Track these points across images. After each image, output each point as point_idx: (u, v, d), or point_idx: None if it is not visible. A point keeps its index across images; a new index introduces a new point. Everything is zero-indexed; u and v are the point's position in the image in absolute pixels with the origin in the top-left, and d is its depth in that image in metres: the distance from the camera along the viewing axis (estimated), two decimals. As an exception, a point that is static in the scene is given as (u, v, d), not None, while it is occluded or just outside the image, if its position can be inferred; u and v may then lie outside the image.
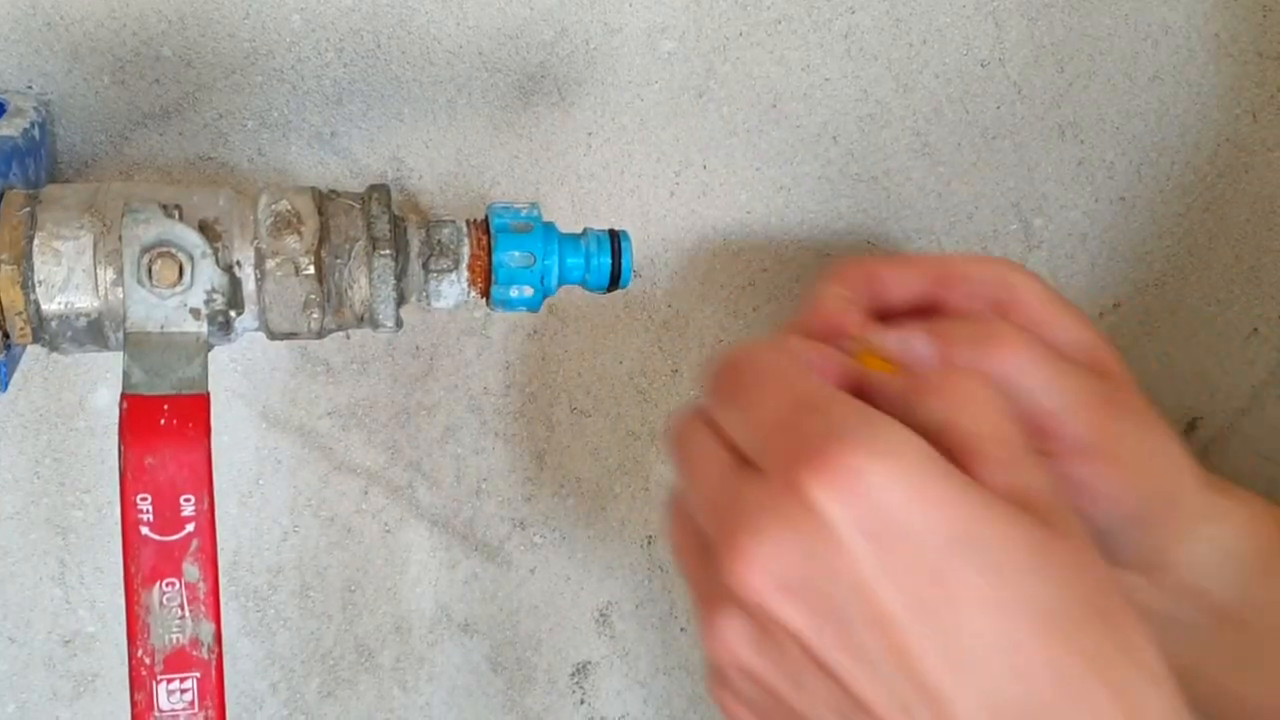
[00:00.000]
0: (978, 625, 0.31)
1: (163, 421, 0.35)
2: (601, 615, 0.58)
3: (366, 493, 0.53)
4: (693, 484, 0.35)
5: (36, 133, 0.41)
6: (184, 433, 0.35)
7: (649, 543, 0.57)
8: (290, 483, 0.52)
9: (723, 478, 0.34)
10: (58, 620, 0.52)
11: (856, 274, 0.44)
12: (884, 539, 0.31)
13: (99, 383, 0.48)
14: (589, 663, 0.59)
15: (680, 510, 0.36)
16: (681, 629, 0.59)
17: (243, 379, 0.49)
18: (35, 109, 0.41)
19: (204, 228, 0.37)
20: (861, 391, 0.36)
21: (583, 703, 0.60)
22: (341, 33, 0.44)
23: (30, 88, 0.43)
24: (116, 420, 0.35)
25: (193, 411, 0.35)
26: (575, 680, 0.59)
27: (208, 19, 0.43)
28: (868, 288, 0.43)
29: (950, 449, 0.33)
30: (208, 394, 0.36)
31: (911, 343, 0.40)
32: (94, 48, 0.42)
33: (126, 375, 0.36)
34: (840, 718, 0.32)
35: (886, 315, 0.43)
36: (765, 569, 0.31)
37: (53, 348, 0.37)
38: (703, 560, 0.35)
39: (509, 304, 0.40)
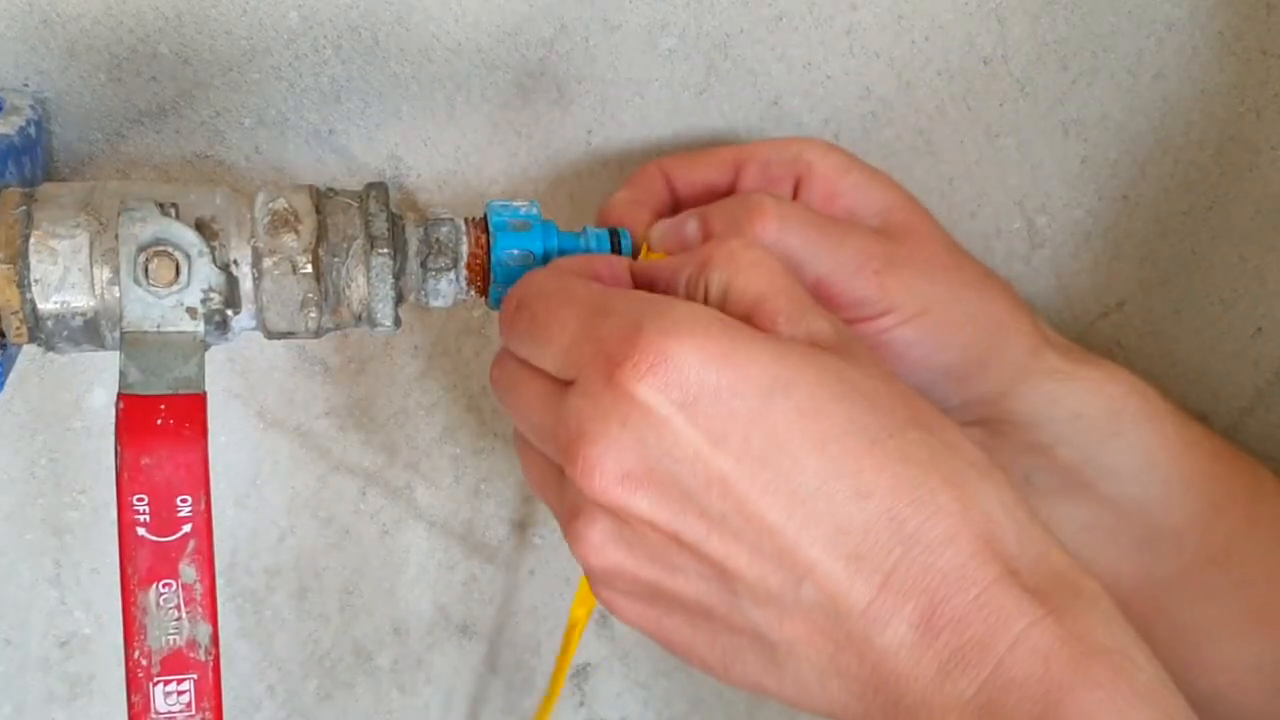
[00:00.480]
0: (810, 462, 0.32)
1: (159, 421, 0.35)
2: (601, 617, 0.58)
3: (364, 493, 0.53)
4: (523, 419, 0.37)
5: (32, 130, 0.41)
6: (181, 433, 0.35)
7: (649, 543, 0.56)
8: (288, 483, 0.52)
9: (546, 404, 0.36)
10: (54, 622, 0.52)
11: (646, 176, 0.45)
12: (703, 407, 0.32)
13: (95, 382, 0.48)
14: (589, 665, 0.59)
15: (525, 448, 0.38)
16: (682, 630, 0.59)
17: (240, 378, 0.49)
18: (31, 107, 0.41)
19: (201, 226, 0.37)
20: (650, 284, 0.38)
21: (582, 705, 0.60)
22: (339, 30, 0.43)
23: (26, 85, 0.42)
24: (113, 420, 0.35)
25: (189, 411, 0.35)
26: (575, 682, 0.59)
27: (205, 16, 0.42)
28: (660, 187, 0.45)
29: (737, 313, 0.35)
30: (204, 394, 0.36)
31: (681, 228, 0.42)
32: (90, 45, 0.42)
33: (123, 375, 0.36)
34: (712, 586, 0.34)
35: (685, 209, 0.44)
36: (608, 469, 0.33)
37: (49, 347, 0.37)
38: (556, 484, 0.36)
39: (508, 303, 0.40)
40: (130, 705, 0.35)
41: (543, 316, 0.36)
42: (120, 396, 0.35)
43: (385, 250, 0.38)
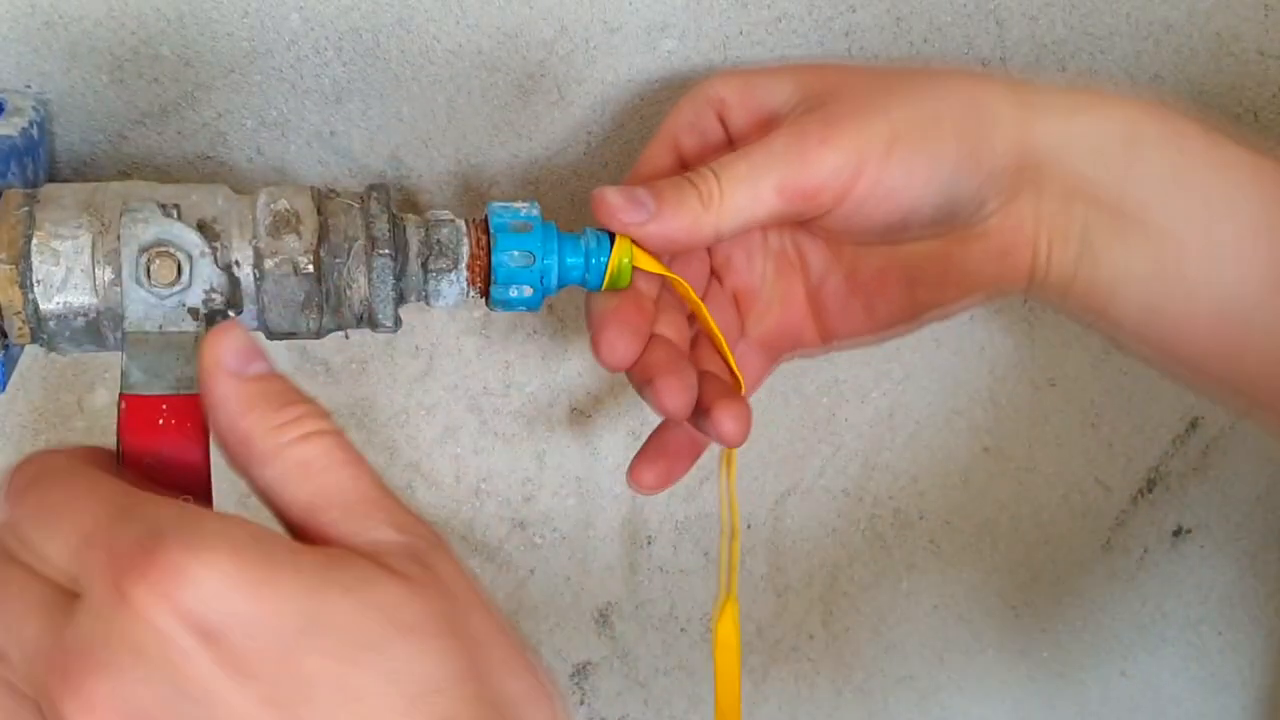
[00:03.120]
0: (339, 717, 0.28)
1: (161, 421, 0.35)
2: (601, 616, 0.58)
3: (366, 493, 0.53)
4: (9, 632, 0.29)
5: (35, 132, 0.41)
6: (182, 433, 0.35)
7: (649, 543, 0.57)
8: (289, 483, 0.52)
9: (46, 614, 0.29)
10: (56, 621, 0.52)
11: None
12: (225, 639, 0.27)
13: (97, 383, 0.48)
14: (589, 663, 0.59)
15: None
16: (681, 629, 0.59)
17: (242, 379, 0.49)
18: (34, 108, 0.41)
19: (202, 227, 0.37)
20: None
21: (583, 703, 0.60)
22: (340, 31, 0.44)
23: (29, 87, 0.42)
24: (115, 420, 0.35)
25: (191, 411, 0.35)
26: (575, 681, 0.59)
27: (206, 18, 0.42)
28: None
29: (290, 522, 0.31)
30: (206, 394, 0.36)
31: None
32: (92, 47, 0.42)
33: (125, 375, 0.36)
34: None
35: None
36: (111, 709, 0.27)
37: (51, 347, 0.37)
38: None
39: (508, 304, 0.40)
40: (132, 704, 0.35)
41: (59, 503, 0.30)
42: (122, 397, 0.35)
43: (386, 251, 0.38)
